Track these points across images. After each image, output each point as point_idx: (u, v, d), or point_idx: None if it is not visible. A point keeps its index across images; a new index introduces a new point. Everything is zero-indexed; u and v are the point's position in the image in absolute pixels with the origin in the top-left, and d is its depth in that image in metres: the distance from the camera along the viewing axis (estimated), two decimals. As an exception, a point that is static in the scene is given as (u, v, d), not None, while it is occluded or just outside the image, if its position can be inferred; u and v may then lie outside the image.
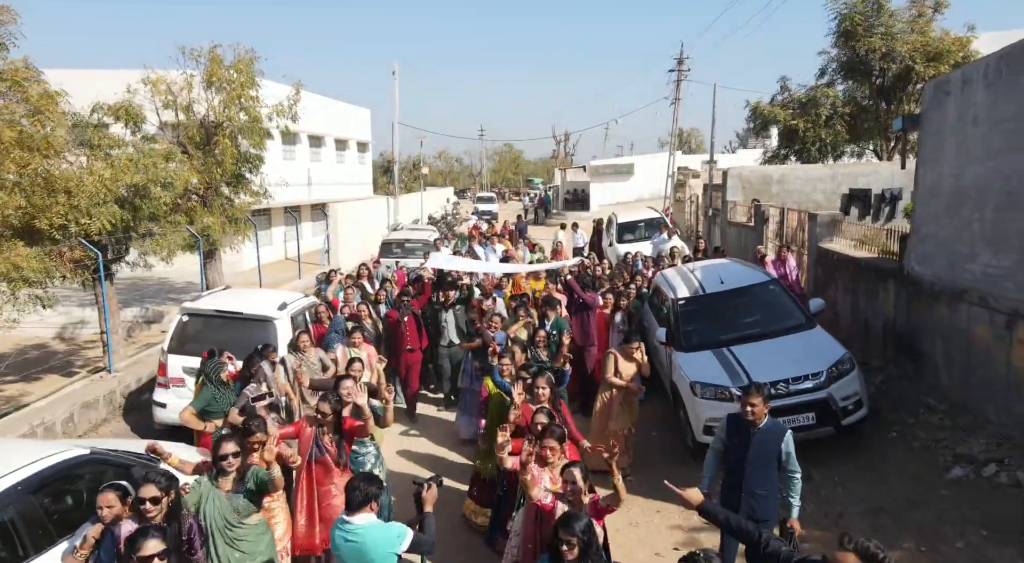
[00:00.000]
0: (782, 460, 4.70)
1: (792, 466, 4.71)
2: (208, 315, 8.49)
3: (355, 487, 3.73)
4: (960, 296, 7.16)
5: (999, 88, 6.61)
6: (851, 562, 2.75)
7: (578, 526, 3.32)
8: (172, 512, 3.93)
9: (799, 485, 4.74)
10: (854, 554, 2.75)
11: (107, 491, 3.99)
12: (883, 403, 8.04)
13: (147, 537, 3.39)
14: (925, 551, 5.42)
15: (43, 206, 8.98)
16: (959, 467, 6.25)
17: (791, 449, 4.69)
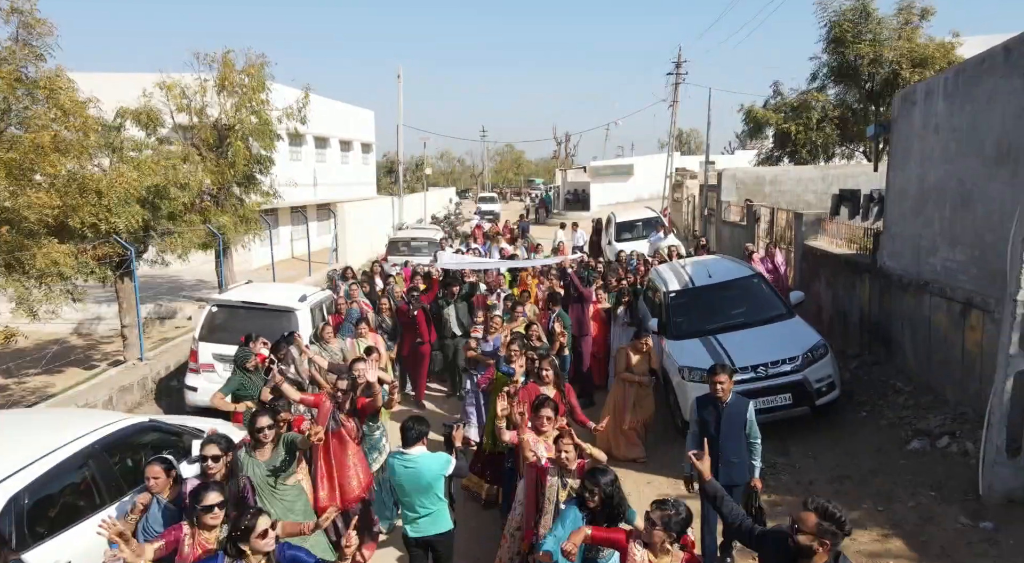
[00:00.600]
0: (748, 429, 5.36)
1: (753, 433, 5.35)
2: (235, 306, 9.21)
3: (410, 426, 4.70)
4: (924, 287, 7.88)
5: (955, 100, 7.33)
6: (812, 520, 3.11)
7: (603, 479, 3.91)
8: (231, 471, 4.57)
9: (759, 449, 5.37)
10: (814, 513, 3.12)
11: (154, 464, 4.42)
12: (857, 386, 8.77)
13: (208, 489, 4.04)
14: (882, 511, 6.14)
15: (75, 206, 9.63)
16: (917, 440, 6.97)
17: (753, 418, 5.34)
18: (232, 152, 14.89)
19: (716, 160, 38.98)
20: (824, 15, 18.39)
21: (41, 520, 4.32)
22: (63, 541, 4.40)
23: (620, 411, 7.80)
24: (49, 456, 4.54)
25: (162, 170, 11.33)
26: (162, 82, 14.52)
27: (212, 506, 3.92)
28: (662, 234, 16.99)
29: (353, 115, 33.58)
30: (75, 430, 4.95)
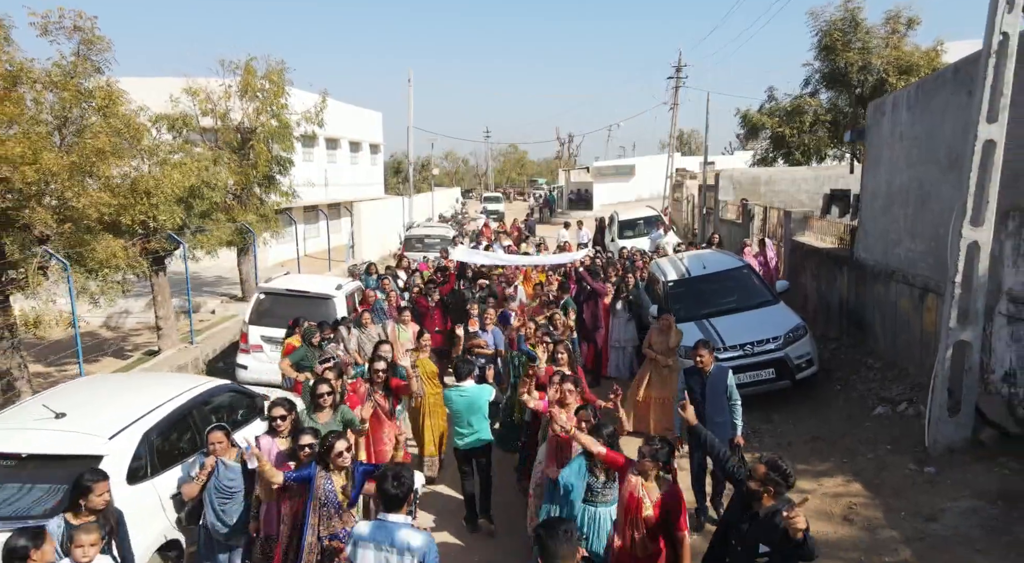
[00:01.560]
0: (728, 393, 6.41)
1: (734, 397, 6.37)
2: (280, 293, 10.31)
3: (460, 365, 6.15)
4: (891, 275, 8.97)
5: (916, 111, 8.42)
6: (761, 470, 3.78)
7: (604, 431, 4.86)
8: (295, 427, 5.57)
9: (740, 411, 6.36)
10: (765, 465, 3.79)
11: (215, 430, 5.14)
12: (834, 365, 9.87)
13: (304, 433, 5.13)
14: (846, 462, 7.24)
15: (127, 204, 10.67)
16: (881, 406, 8.06)
17: (732, 383, 6.35)
18: (254, 154, 16.01)
19: (716, 160, 40.07)
20: (816, 24, 19.46)
21: (162, 454, 5.41)
22: (176, 473, 5.49)
23: (637, 384, 8.74)
24: (165, 405, 5.65)
25: (196, 171, 12.36)
26: (189, 88, 15.64)
27: (306, 445, 5.00)
28: (662, 231, 18.10)
29: (362, 117, 34.63)
30: (180, 387, 6.07)
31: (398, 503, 3.73)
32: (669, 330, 8.50)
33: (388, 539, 3.60)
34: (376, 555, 3.60)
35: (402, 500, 3.73)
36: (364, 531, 3.70)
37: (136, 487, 5.04)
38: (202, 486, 5.07)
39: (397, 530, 3.63)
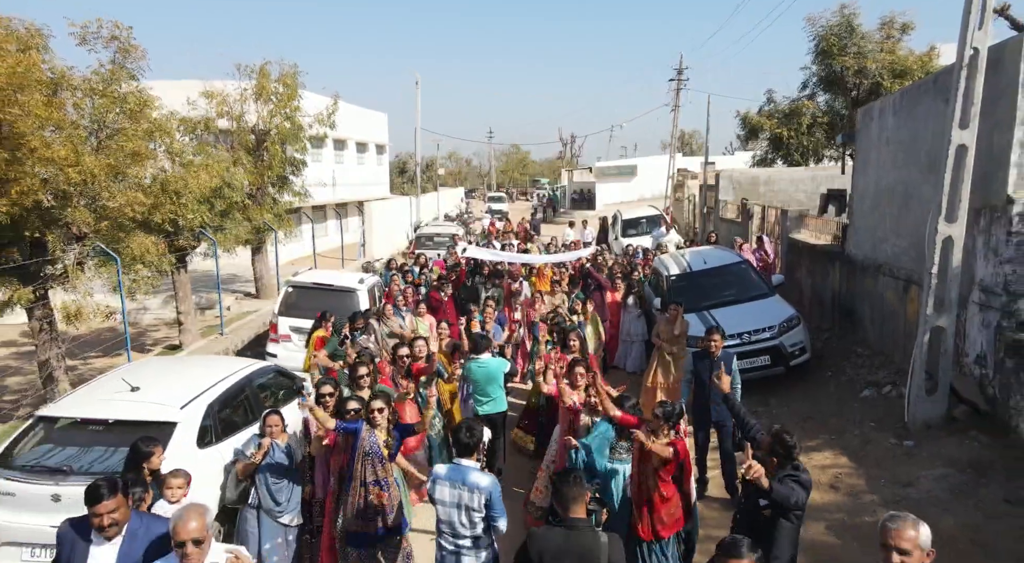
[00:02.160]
0: (732, 376, 7.05)
1: (737, 380, 6.99)
2: (307, 287, 11.00)
3: (478, 340, 6.86)
4: (878, 269, 9.65)
5: (900, 117, 9.10)
6: (767, 442, 4.31)
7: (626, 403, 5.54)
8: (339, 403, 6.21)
9: (740, 391, 7.06)
10: (771, 437, 4.33)
11: (273, 414, 5.56)
12: (826, 353, 10.56)
13: (350, 400, 5.80)
14: (834, 439, 7.92)
15: (157, 204, 11.31)
16: (867, 389, 8.75)
17: (736, 368, 7.03)
18: (269, 155, 16.68)
19: (716, 161, 40.75)
20: (813, 29, 20.13)
21: (224, 424, 6.10)
22: (234, 441, 6.17)
23: (647, 373, 9.40)
24: (224, 381, 6.34)
25: (219, 172, 13.00)
26: (206, 91, 16.30)
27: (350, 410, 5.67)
28: (664, 229, 18.77)
29: (368, 118, 35.31)
30: (233, 367, 6.77)
31: (470, 450, 4.47)
32: (676, 320, 9.16)
33: (461, 479, 4.33)
34: (451, 491, 4.32)
35: (473, 448, 4.47)
36: (442, 472, 4.43)
37: (205, 451, 5.73)
38: (256, 466, 5.52)
39: (469, 472, 4.36)
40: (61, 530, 3.64)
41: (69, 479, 5.16)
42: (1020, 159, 6.71)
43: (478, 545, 4.33)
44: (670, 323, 9.12)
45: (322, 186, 25.99)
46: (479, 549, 4.32)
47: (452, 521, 4.31)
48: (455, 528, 4.31)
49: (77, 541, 3.54)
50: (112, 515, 3.46)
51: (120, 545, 3.50)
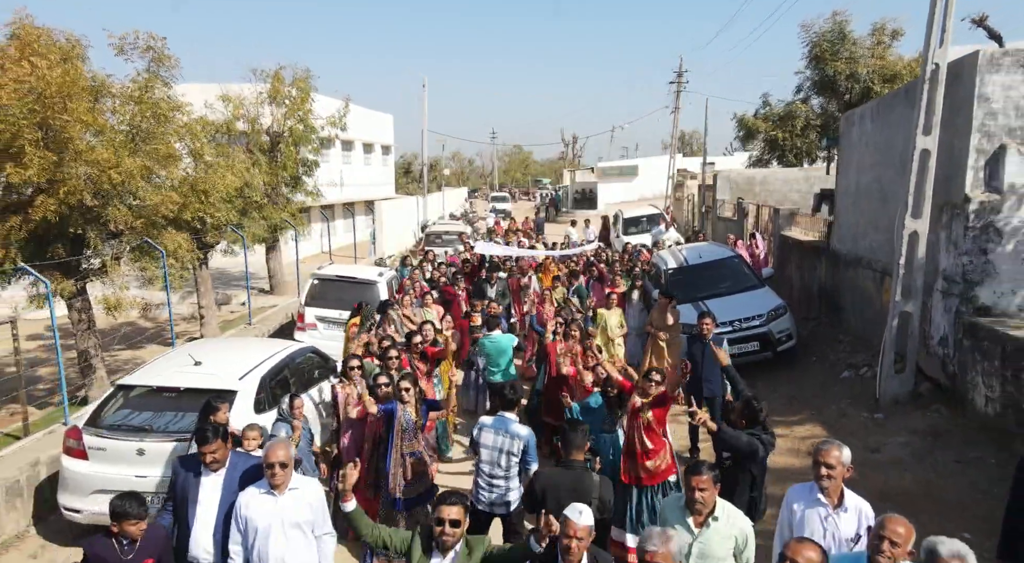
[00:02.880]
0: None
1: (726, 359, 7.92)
2: (331, 279, 11.86)
3: (491, 319, 7.92)
4: (858, 262, 10.51)
5: (877, 123, 9.95)
6: (739, 407, 5.18)
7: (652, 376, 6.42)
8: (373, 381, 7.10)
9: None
10: (740, 403, 5.24)
11: (298, 397, 6.48)
12: (811, 340, 11.42)
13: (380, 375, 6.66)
14: (815, 414, 8.79)
15: (187, 203, 12.12)
16: (847, 371, 9.61)
17: (727, 348, 7.92)
18: (283, 156, 17.51)
19: (716, 161, 41.67)
20: (807, 36, 20.98)
21: (272, 394, 6.96)
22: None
23: (644, 357, 10.23)
24: (272, 358, 7.21)
25: (241, 173, 13.81)
26: (224, 95, 17.14)
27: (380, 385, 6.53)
28: (663, 227, 19.64)
29: (375, 119, 36.14)
30: (278, 347, 7.66)
31: (512, 405, 5.41)
32: (666, 309, 10.03)
33: (504, 427, 5.26)
34: (494, 438, 5.24)
35: (515, 403, 5.42)
36: (488, 421, 5.37)
37: (259, 416, 6.59)
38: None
39: (510, 423, 5.29)
40: (176, 465, 4.52)
41: (151, 436, 6.05)
42: (976, 163, 7.57)
43: (509, 485, 5.24)
44: (662, 312, 10.00)
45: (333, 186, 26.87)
46: (509, 489, 5.22)
47: (493, 462, 5.23)
48: (493, 469, 5.24)
49: (188, 475, 4.42)
50: (215, 454, 4.34)
51: (223, 476, 4.37)
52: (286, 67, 17.88)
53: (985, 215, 7.53)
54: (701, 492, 3.85)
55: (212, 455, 4.34)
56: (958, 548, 2.88)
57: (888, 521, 3.28)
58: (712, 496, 3.89)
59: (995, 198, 7.51)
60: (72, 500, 6.08)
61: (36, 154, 9.28)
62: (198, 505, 4.36)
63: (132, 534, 3.85)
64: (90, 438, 6.07)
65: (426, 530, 3.69)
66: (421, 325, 8.80)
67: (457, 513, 3.55)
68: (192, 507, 4.33)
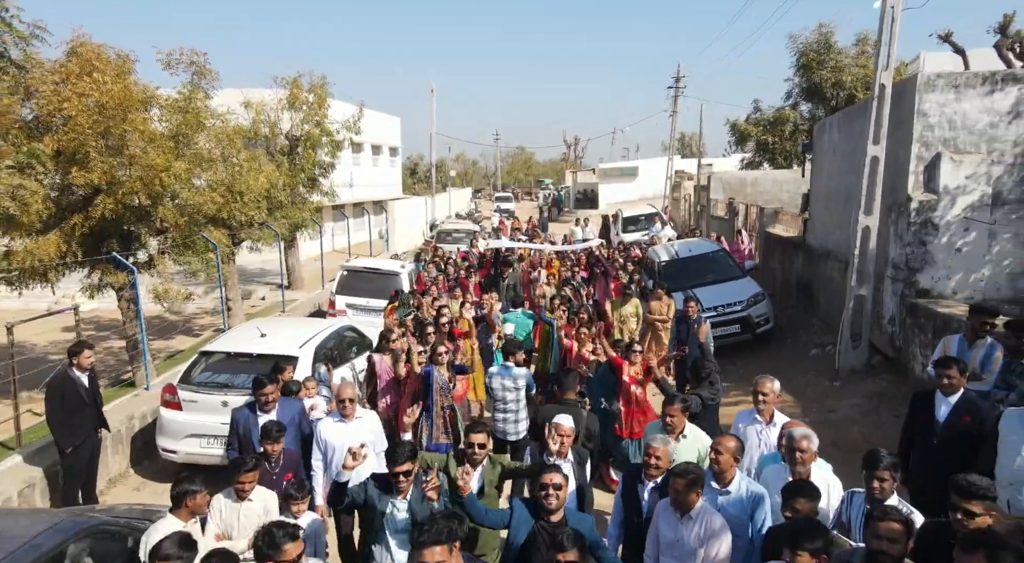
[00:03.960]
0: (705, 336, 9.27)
1: (708, 338, 9.26)
2: (358, 270, 13.25)
3: (516, 297, 9.14)
4: (828, 255, 11.89)
5: (843, 132, 11.33)
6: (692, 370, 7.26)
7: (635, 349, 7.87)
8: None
9: (711, 349, 9.27)
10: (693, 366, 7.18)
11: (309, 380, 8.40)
12: (788, 325, 12.80)
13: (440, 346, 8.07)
14: (786, 384, 10.08)
15: (224, 203, 13.41)
16: (814, 349, 11.00)
17: (709, 329, 9.27)
18: (301, 159, 18.80)
19: (714, 162, 43.06)
20: (794, 46, 22.34)
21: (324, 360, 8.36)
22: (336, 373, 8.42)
23: (643, 341, 11.57)
24: (322, 332, 8.61)
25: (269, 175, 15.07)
26: (246, 101, 18.46)
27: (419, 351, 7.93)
28: (660, 226, 21.03)
29: (383, 122, 37.42)
30: (326, 324, 9.09)
31: (511, 355, 6.93)
32: (661, 298, 11.41)
33: (508, 373, 6.78)
34: (502, 381, 6.77)
35: (513, 354, 6.94)
36: (495, 370, 6.95)
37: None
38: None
39: (512, 369, 6.84)
40: (235, 412, 5.91)
41: (231, 391, 7.44)
42: (917, 168, 8.95)
43: (518, 417, 6.77)
44: (659, 302, 11.38)
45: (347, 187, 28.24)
46: (518, 421, 6.70)
47: (504, 398, 6.73)
48: (506, 403, 6.75)
49: (249, 415, 5.80)
50: (270, 396, 5.73)
51: (275, 414, 5.73)
52: (304, 75, 19.21)
53: (924, 212, 8.91)
54: (672, 418, 5.23)
55: (267, 396, 5.71)
56: (805, 431, 4.29)
57: (757, 380, 4.99)
58: (681, 421, 5.27)
59: (932, 198, 8.89)
60: (169, 443, 7.49)
61: (99, 160, 10.46)
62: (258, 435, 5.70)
63: (275, 453, 5.13)
64: (184, 393, 7.48)
65: (458, 452, 5.03)
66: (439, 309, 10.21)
67: (483, 438, 4.85)
68: (255, 441, 5.56)
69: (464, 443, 5.07)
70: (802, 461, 4.34)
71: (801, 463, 4.34)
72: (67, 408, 6.27)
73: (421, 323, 9.36)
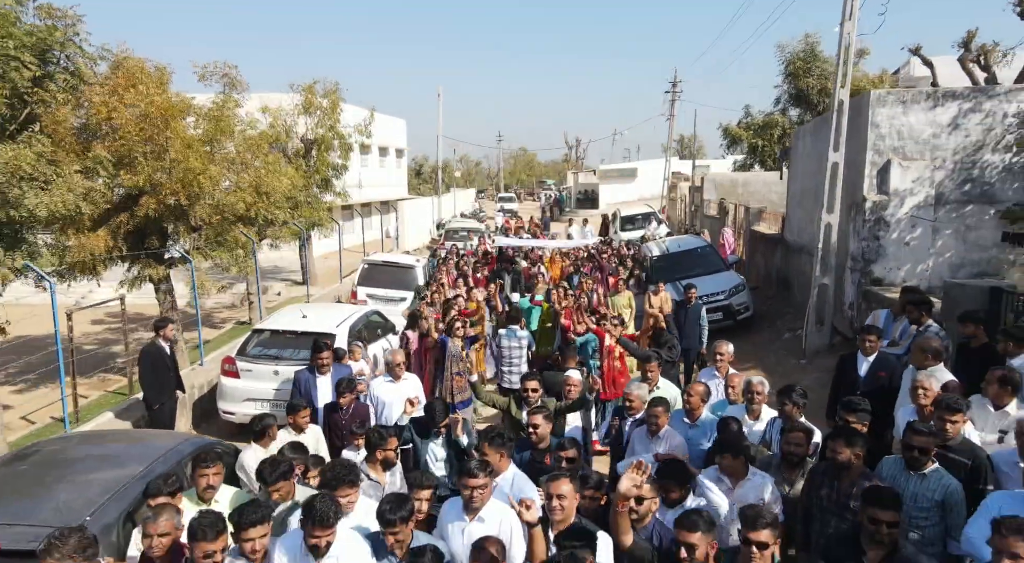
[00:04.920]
0: (700, 321, 10.58)
1: (704, 322, 10.54)
2: (379, 264, 14.61)
3: (527, 285, 10.21)
4: (801, 250, 13.22)
5: (813, 139, 12.66)
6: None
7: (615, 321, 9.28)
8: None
9: (706, 333, 10.59)
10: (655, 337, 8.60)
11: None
12: (767, 312, 14.14)
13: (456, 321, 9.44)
14: (760, 362, 11.50)
15: (253, 202, 14.68)
16: (787, 333, 12.33)
17: (705, 315, 10.55)
18: (317, 161, 20.05)
19: (712, 164, 44.44)
20: (782, 55, 23.70)
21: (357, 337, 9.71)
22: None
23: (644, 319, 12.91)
24: (355, 314, 9.96)
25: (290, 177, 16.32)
26: (264, 107, 19.73)
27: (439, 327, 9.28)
28: (655, 224, 22.38)
29: (390, 124, 38.65)
30: (356, 309, 10.43)
31: (516, 320, 8.29)
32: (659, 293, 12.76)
33: (514, 335, 8.21)
34: (507, 341, 8.21)
35: (517, 319, 8.29)
36: (502, 332, 8.36)
37: (351, 353, 9.33)
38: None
39: (516, 330, 8.29)
40: (298, 374, 7.20)
41: (281, 362, 8.79)
42: (871, 173, 10.29)
43: (522, 369, 8.24)
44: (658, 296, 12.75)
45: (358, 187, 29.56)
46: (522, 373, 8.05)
47: (511, 356, 8.13)
48: (512, 359, 8.18)
49: (309, 376, 7.11)
50: (327, 359, 7.06)
51: (329, 376, 7.04)
52: (318, 81, 20.50)
53: (877, 211, 10.25)
54: (651, 372, 6.57)
55: (323, 360, 7.04)
56: (760, 379, 5.63)
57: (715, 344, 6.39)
58: (657, 375, 6.60)
59: (884, 199, 10.23)
60: (229, 406, 8.84)
61: (144, 164, 11.69)
62: (318, 391, 7.02)
63: (347, 403, 6.33)
64: (241, 363, 8.84)
65: (516, 395, 6.36)
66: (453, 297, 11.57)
67: (535, 383, 6.14)
68: (315, 395, 6.91)
69: (520, 389, 6.28)
70: (758, 401, 5.71)
71: (756, 403, 5.70)
72: (155, 372, 7.63)
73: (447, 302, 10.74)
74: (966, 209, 9.99)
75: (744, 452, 4.56)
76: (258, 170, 15.30)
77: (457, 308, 10.64)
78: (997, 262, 9.78)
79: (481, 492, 3.78)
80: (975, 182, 9.95)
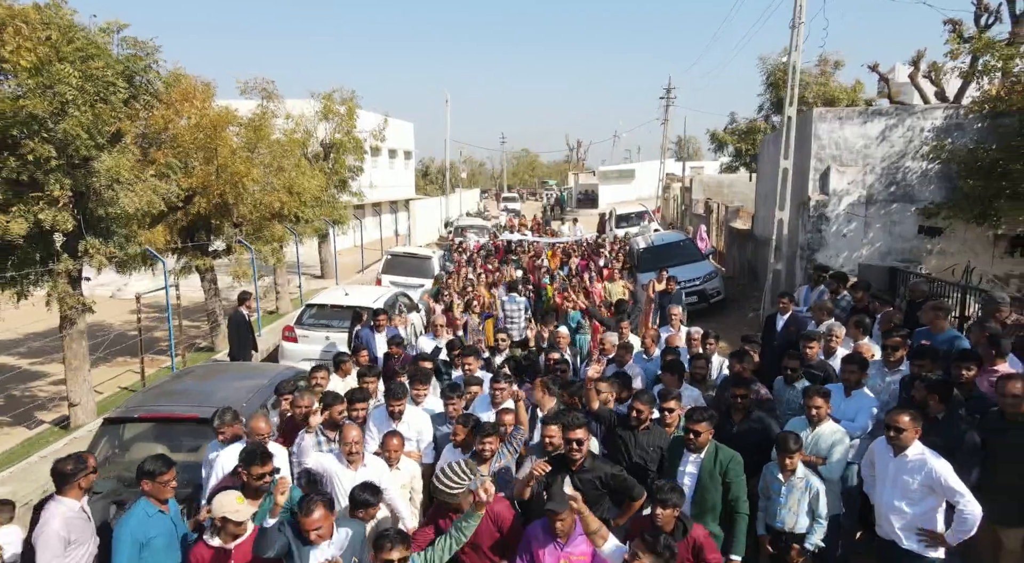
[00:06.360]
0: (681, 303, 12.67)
1: (682, 300, 12.68)
2: (400, 254, 16.75)
3: (518, 281, 12.30)
4: (767, 241, 15.33)
5: (772, 147, 14.78)
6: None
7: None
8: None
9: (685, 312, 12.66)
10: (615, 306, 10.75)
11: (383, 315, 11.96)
12: (738, 296, 16.26)
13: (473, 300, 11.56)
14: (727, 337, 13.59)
15: (286, 201, 16.75)
16: (752, 313, 14.44)
17: (683, 299, 12.66)
18: (335, 163, 22.04)
19: (706, 165, 46.57)
20: (764, 66, 25.78)
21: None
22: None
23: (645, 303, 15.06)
24: (385, 293, 12.08)
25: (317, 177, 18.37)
26: (287, 114, 21.76)
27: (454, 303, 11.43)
28: (647, 222, 24.51)
29: (399, 127, 40.67)
30: (387, 290, 12.55)
31: (518, 288, 10.35)
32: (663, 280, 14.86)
33: (515, 301, 10.40)
34: (510, 304, 10.34)
35: (517, 289, 10.35)
36: (507, 298, 10.50)
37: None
38: None
39: (516, 298, 10.41)
40: (360, 330, 9.32)
41: (331, 329, 10.92)
42: (814, 177, 12.40)
43: (520, 326, 10.35)
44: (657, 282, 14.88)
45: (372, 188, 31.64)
46: (521, 329, 10.25)
47: (512, 316, 10.28)
48: (513, 319, 10.27)
49: (369, 333, 9.23)
50: (383, 321, 9.19)
51: (384, 333, 9.17)
52: (337, 90, 22.53)
53: (819, 209, 12.36)
54: (624, 329, 8.69)
55: (381, 322, 9.16)
56: (698, 328, 7.76)
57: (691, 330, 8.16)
58: (627, 332, 8.73)
59: (825, 198, 12.34)
60: (289, 363, 10.96)
61: (199, 168, 13.68)
62: (376, 344, 9.12)
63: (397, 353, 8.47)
64: (299, 330, 10.98)
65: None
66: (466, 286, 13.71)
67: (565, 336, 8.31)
68: (374, 346, 9.05)
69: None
70: (694, 345, 7.83)
71: (694, 346, 7.82)
72: (239, 334, 9.78)
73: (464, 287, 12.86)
74: (892, 207, 12.10)
75: (679, 370, 6.70)
76: (289, 172, 17.43)
77: (473, 291, 12.80)
78: (917, 250, 11.91)
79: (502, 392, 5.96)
80: (899, 185, 12.05)
